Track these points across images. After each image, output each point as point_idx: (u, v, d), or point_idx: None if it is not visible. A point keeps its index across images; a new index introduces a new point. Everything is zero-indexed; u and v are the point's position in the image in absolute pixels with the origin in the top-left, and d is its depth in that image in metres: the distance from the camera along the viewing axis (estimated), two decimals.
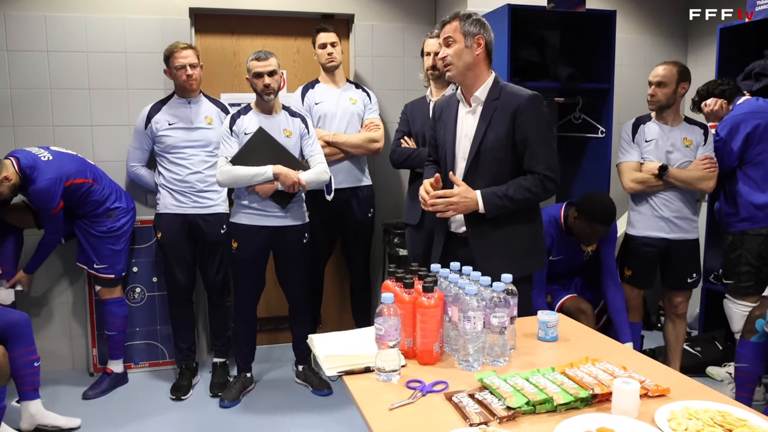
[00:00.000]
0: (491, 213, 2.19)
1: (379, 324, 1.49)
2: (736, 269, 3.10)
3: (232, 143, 2.96)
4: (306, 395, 3.26)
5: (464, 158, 2.28)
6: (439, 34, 2.27)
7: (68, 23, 3.37)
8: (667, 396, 1.42)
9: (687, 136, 3.06)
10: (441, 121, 2.40)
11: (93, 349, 3.51)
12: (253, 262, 3.08)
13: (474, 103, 2.26)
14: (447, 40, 2.20)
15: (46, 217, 2.97)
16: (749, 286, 3.05)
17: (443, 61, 2.22)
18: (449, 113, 2.35)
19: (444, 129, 2.36)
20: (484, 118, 2.23)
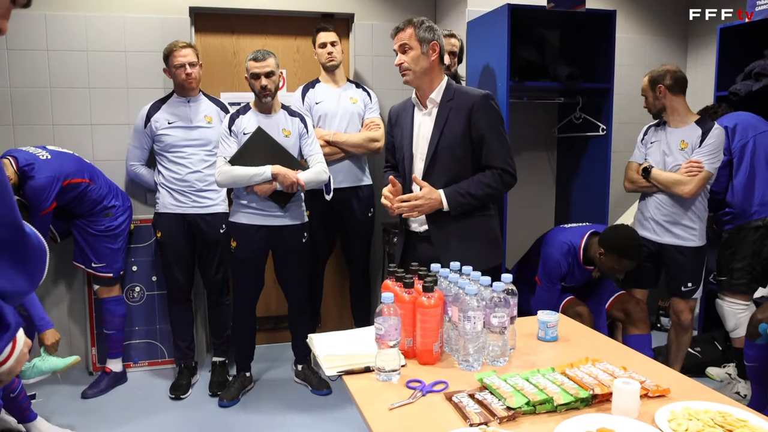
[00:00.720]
0: (455, 211, 2.30)
1: (379, 324, 1.49)
2: (730, 266, 3.11)
3: (231, 143, 2.96)
4: (305, 395, 3.26)
5: (422, 158, 2.36)
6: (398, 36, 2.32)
7: (68, 22, 3.37)
8: (667, 396, 1.42)
9: (684, 139, 3.00)
10: (398, 125, 2.47)
11: (92, 348, 3.51)
12: (252, 261, 3.08)
13: (429, 105, 2.35)
14: (403, 47, 2.28)
15: (36, 216, 2.93)
16: (742, 283, 3.06)
17: (400, 67, 2.29)
18: (405, 117, 2.43)
19: (401, 133, 2.43)
20: (440, 119, 2.32)
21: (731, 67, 3.46)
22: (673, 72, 2.98)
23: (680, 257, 3.03)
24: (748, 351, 2.88)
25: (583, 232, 3.01)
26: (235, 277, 3.15)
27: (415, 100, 2.40)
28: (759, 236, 3.03)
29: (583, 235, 2.99)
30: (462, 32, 3.45)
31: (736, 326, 3.10)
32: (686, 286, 3.07)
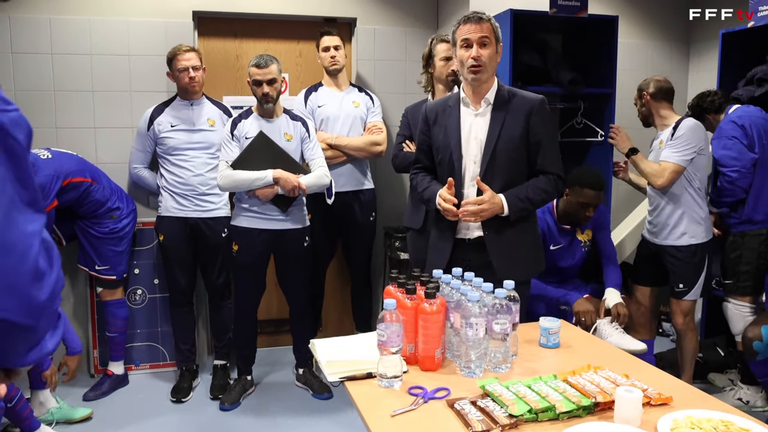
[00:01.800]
0: (515, 216, 2.22)
1: (381, 330, 1.49)
2: (736, 269, 3.11)
3: (233, 147, 2.96)
4: (306, 398, 3.26)
5: (475, 161, 2.25)
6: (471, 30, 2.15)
7: (73, 26, 3.38)
8: (669, 404, 1.42)
9: (663, 139, 3.09)
10: (438, 125, 2.32)
11: (94, 351, 3.52)
12: (253, 265, 3.08)
13: (483, 105, 2.25)
14: (483, 40, 2.14)
15: None
16: (748, 285, 3.07)
17: (477, 60, 2.14)
18: (449, 117, 2.29)
19: (443, 133, 2.30)
20: (496, 120, 2.23)
21: (733, 73, 3.46)
22: (657, 81, 3.12)
23: (672, 257, 3.07)
24: (756, 370, 2.90)
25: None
26: (237, 281, 3.15)
27: (465, 99, 2.27)
28: (765, 241, 3.04)
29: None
30: None
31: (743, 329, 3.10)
32: (678, 287, 3.09)
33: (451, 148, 2.27)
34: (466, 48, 2.16)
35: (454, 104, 2.31)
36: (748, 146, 3.03)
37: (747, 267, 3.07)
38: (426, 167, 2.42)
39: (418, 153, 2.44)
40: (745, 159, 3.01)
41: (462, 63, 2.19)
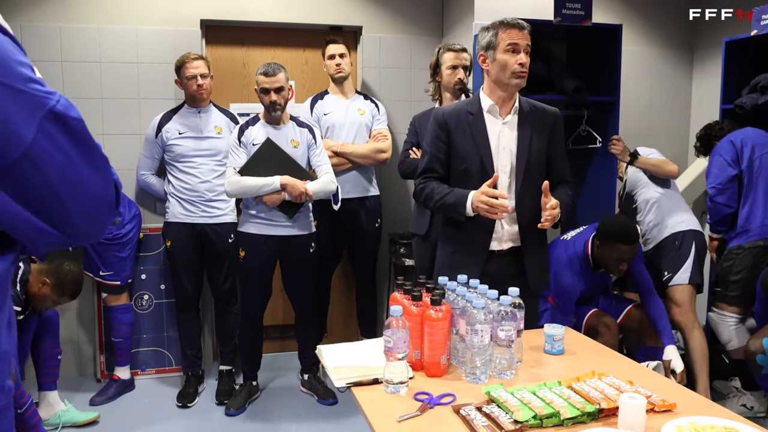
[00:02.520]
0: (562, 223, 2.29)
1: (388, 336, 1.51)
2: (727, 277, 3.15)
3: (240, 154, 2.99)
4: (311, 404, 3.28)
5: (506, 172, 2.21)
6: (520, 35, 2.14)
7: (82, 34, 3.43)
8: (673, 411, 1.43)
9: None
10: (459, 132, 2.21)
11: (100, 356, 3.54)
12: (260, 270, 3.10)
13: (511, 115, 2.22)
14: (528, 48, 2.15)
15: None
16: (735, 296, 3.10)
17: (524, 67, 2.13)
18: (474, 125, 2.20)
19: (470, 141, 2.20)
20: (525, 131, 2.21)
21: (737, 80, 3.48)
22: None
23: (659, 254, 3.22)
24: (763, 383, 2.94)
25: (585, 239, 2.97)
26: (243, 287, 3.18)
27: (493, 107, 2.20)
28: (759, 253, 3.05)
29: (586, 242, 2.97)
30: (469, 45, 3.48)
31: (729, 339, 3.14)
32: (664, 276, 3.18)
33: (482, 157, 2.19)
34: (513, 53, 2.11)
35: (476, 112, 2.22)
36: (731, 162, 3.10)
37: (737, 277, 3.10)
38: (439, 177, 2.27)
39: (430, 161, 2.26)
40: (723, 175, 3.10)
41: (505, 67, 2.11)
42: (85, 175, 0.82)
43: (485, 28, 2.19)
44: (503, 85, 2.16)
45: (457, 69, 3.05)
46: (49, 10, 3.38)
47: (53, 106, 0.79)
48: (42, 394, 2.94)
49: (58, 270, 2.72)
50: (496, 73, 2.15)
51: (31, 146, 0.76)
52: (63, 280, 2.70)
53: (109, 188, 0.86)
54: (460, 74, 3.05)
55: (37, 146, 0.76)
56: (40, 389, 2.94)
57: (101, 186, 0.84)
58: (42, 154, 0.77)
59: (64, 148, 0.79)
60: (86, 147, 0.82)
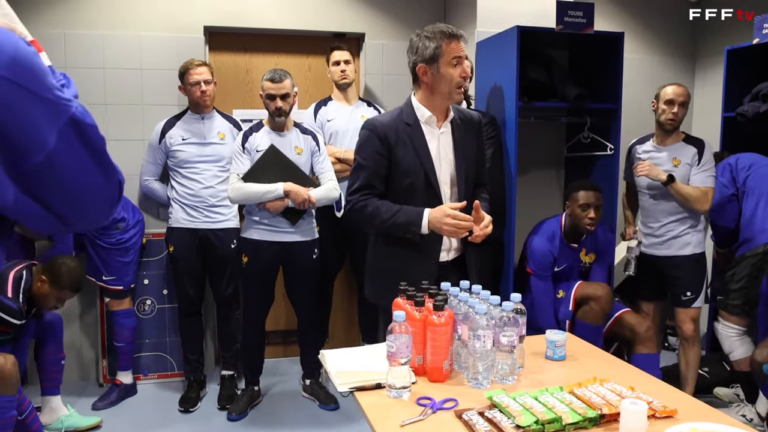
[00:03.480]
0: None
1: (391, 341, 1.52)
2: (728, 286, 3.15)
3: (243, 160, 3.01)
4: (313, 409, 3.28)
5: (447, 182, 2.19)
6: None
7: (86, 40, 3.45)
8: (674, 417, 1.44)
9: (677, 156, 3.12)
10: (401, 146, 2.13)
11: (102, 360, 3.55)
12: (262, 276, 3.11)
13: (445, 124, 2.19)
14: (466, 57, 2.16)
15: None
16: (736, 305, 3.09)
17: (466, 79, 2.12)
18: (415, 137, 2.13)
19: (412, 155, 2.12)
20: (459, 139, 2.20)
21: (739, 88, 3.50)
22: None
23: (680, 266, 3.14)
24: (766, 392, 2.95)
25: (559, 216, 3.20)
26: (246, 292, 3.19)
27: (431, 118, 2.15)
28: (757, 261, 3.06)
29: (558, 218, 3.19)
30: (471, 53, 3.50)
31: (731, 349, 3.13)
32: (686, 294, 3.16)
33: (426, 170, 2.13)
34: (455, 66, 2.07)
35: (413, 123, 2.15)
36: (727, 183, 3.18)
37: (737, 285, 3.10)
38: (379, 193, 2.16)
39: (369, 177, 2.13)
40: (721, 197, 3.17)
41: (450, 81, 2.08)
42: (94, 177, 0.90)
43: (425, 37, 2.09)
44: (444, 97, 2.12)
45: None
46: (53, 17, 3.41)
47: (73, 114, 0.84)
48: (45, 399, 2.95)
49: (53, 265, 2.74)
50: (439, 85, 2.10)
51: (53, 151, 0.82)
52: (58, 274, 2.71)
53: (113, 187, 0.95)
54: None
55: (57, 150, 0.83)
56: (43, 394, 2.95)
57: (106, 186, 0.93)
58: (60, 158, 0.84)
59: (79, 152, 0.86)
60: (97, 151, 0.89)
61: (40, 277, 2.70)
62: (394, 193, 2.16)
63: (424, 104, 2.16)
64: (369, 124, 2.19)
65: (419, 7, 3.91)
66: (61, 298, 2.78)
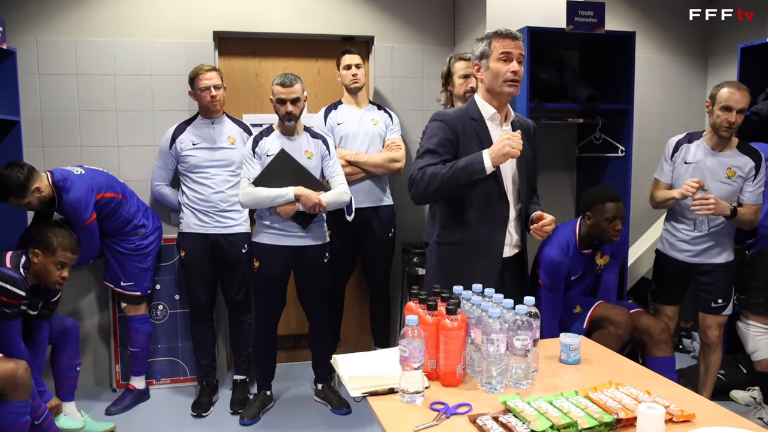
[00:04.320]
0: None
1: (404, 346, 1.51)
2: (749, 285, 3.09)
3: (254, 165, 3.01)
4: (325, 414, 3.27)
5: (510, 179, 2.26)
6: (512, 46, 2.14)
7: (96, 47, 3.48)
8: (692, 422, 1.41)
9: (732, 167, 2.91)
10: (467, 139, 2.20)
11: (116, 365, 3.56)
12: (274, 280, 3.11)
13: (506, 123, 2.27)
14: (521, 57, 2.15)
15: (80, 229, 3.02)
16: (760, 303, 3.03)
17: (517, 75, 2.14)
18: (481, 131, 2.21)
19: (478, 148, 2.15)
20: None
21: (753, 87, 3.44)
22: None
23: (711, 274, 3.03)
24: None
25: (573, 223, 3.08)
26: (257, 296, 3.18)
27: (495, 115, 2.23)
28: None
29: (573, 225, 3.06)
30: None
31: (754, 348, 3.07)
32: (716, 302, 3.07)
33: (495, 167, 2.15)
34: (505, 61, 2.13)
35: (478, 118, 2.23)
36: None
37: (759, 284, 3.05)
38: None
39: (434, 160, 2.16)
40: None
41: (497, 75, 2.14)
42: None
43: (479, 39, 2.22)
44: (496, 93, 2.19)
45: (469, 78, 3.06)
46: (64, 25, 3.43)
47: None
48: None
49: (39, 236, 2.75)
50: (490, 81, 2.18)
51: None
52: (46, 240, 2.70)
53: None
54: (472, 83, 3.05)
55: None
56: None
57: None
58: None
59: None
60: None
61: (33, 252, 2.69)
62: None
63: (486, 101, 2.25)
64: (439, 116, 2.27)
65: (428, 10, 3.91)
66: (61, 262, 2.71)
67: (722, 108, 2.84)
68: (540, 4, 3.48)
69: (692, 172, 2.96)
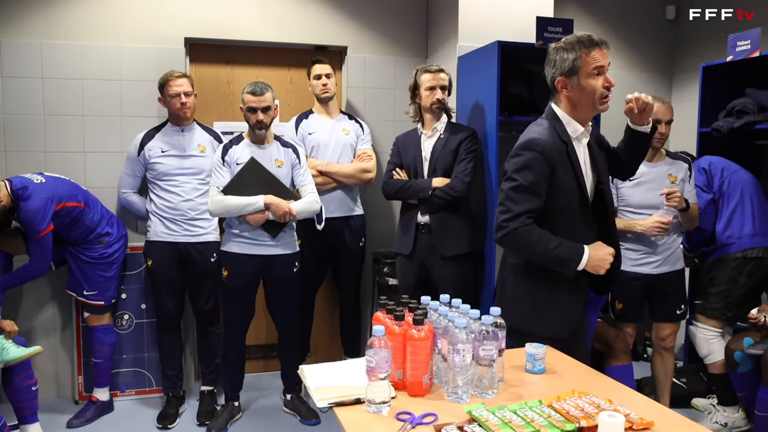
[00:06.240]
0: None
1: (370, 356, 1.51)
2: (707, 290, 3.20)
3: (224, 173, 2.99)
4: (294, 424, 3.25)
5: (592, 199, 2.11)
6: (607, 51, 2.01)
7: (64, 51, 3.42)
8: (651, 429, 1.44)
9: (672, 172, 3.07)
10: (561, 167, 1.99)
11: (78, 377, 3.48)
12: (243, 290, 3.09)
13: (587, 137, 2.08)
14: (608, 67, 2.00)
15: (33, 240, 2.94)
16: (716, 308, 3.15)
17: (610, 90, 1.99)
18: (571, 155, 2.02)
19: (571, 175, 2.01)
20: (597, 151, 2.13)
21: (714, 104, 3.56)
22: None
23: (674, 282, 3.13)
24: (735, 382, 3.02)
25: None
26: (226, 306, 3.15)
27: (584, 133, 2.05)
28: (737, 265, 3.12)
29: None
30: (452, 67, 3.53)
31: (708, 352, 3.18)
32: (680, 309, 3.16)
33: (582, 190, 2.04)
34: (597, 76, 1.95)
35: (568, 140, 2.02)
36: (704, 187, 3.22)
37: (717, 289, 3.16)
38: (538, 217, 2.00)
39: (534, 202, 1.97)
40: (701, 202, 3.20)
41: (593, 93, 1.96)
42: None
43: (562, 49, 2.00)
44: (588, 110, 2.02)
45: (434, 89, 3.08)
46: (30, 27, 3.37)
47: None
48: (22, 429, 2.85)
49: None
50: (582, 98, 1.99)
51: None
52: None
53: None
54: (438, 95, 3.08)
55: None
56: (21, 423, 2.84)
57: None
58: None
59: None
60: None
61: None
62: (549, 213, 2.01)
63: (573, 118, 2.04)
64: (537, 145, 1.98)
65: (402, 21, 3.95)
66: None
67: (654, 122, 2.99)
68: (511, 19, 3.54)
69: (639, 186, 3.05)
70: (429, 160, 3.12)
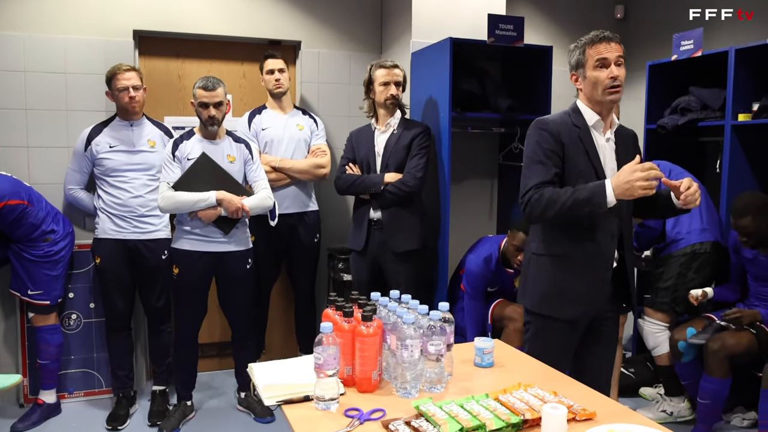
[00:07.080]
0: None
1: (318, 353, 1.50)
2: (656, 284, 3.31)
3: (174, 168, 2.93)
4: (248, 423, 3.22)
5: None
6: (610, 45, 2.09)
7: (6, 42, 3.29)
8: (593, 420, 1.48)
9: None
10: (572, 147, 2.10)
11: (24, 379, 3.37)
12: (194, 288, 3.04)
13: (609, 131, 2.17)
14: (620, 59, 2.08)
15: None
16: (664, 303, 3.26)
17: (617, 80, 2.06)
18: (585, 140, 2.11)
19: (584, 158, 2.09)
20: (621, 150, 2.17)
21: (660, 102, 3.67)
22: None
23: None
24: (680, 372, 3.12)
25: (501, 238, 3.28)
26: (177, 304, 3.10)
27: (598, 123, 2.13)
28: (686, 261, 3.22)
29: (500, 240, 3.27)
30: (406, 63, 3.54)
31: (655, 344, 3.29)
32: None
33: (598, 174, 2.10)
34: (602, 68, 2.06)
35: (582, 126, 2.13)
36: None
37: (666, 284, 3.26)
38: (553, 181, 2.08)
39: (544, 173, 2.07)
40: None
41: (596, 84, 2.07)
42: None
43: (574, 48, 2.15)
44: (598, 101, 2.11)
45: (389, 85, 3.09)
46: None
47: None
48: None
49: None
50: (589, 90, 2.11)
51: None
52: None
53: None
54: (392, 90, 3.09)
55: None
56: None
57: None
58: None
59: None
60: None
61: None
62: None
63: (588, 108, 2.15)
64: (541, 123, 2.15)
65: (356, 17, 3.93)
66: None
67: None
68: (463, 16, 3.57)
69: None
70: (382, 155, 3.13)
